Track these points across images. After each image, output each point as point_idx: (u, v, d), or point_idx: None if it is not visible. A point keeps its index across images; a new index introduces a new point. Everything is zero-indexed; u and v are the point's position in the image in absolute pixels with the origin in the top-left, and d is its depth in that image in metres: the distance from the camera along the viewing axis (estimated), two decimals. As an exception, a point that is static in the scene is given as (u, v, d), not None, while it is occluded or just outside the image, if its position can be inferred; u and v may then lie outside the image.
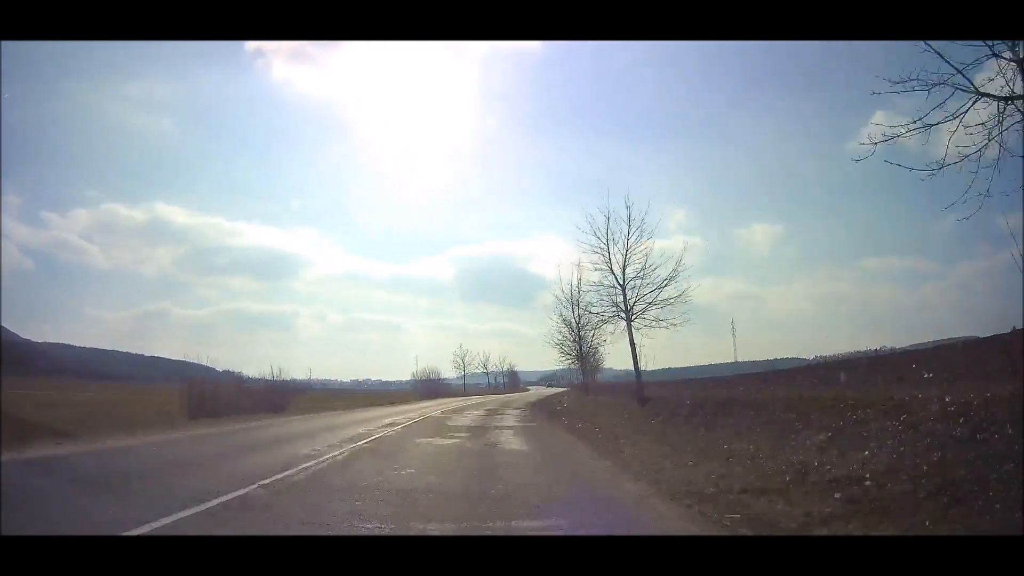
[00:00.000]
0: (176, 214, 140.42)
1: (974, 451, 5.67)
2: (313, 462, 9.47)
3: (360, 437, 13.88)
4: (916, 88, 7.84)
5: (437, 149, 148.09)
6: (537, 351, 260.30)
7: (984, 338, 12.24)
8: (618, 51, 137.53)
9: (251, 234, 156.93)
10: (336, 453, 10.71)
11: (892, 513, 4.98)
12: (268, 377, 31.84)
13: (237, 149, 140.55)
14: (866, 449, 6.99)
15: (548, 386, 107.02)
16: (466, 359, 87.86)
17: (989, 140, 7.31)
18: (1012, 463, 5.09)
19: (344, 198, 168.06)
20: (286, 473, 8.23)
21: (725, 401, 13.46)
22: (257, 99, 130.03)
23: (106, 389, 34.76)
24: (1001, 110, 7.30)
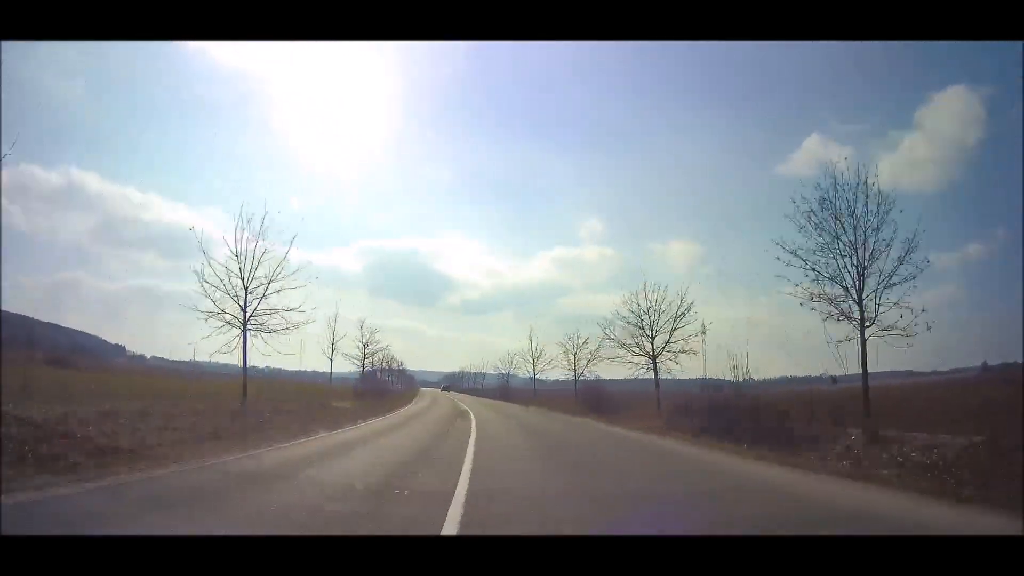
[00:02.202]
0: (90, 180, 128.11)
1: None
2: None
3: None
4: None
5: (351, 137, 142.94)
6: (438, 352, 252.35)
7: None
8: (538, 52, 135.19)
9: (161, 209, 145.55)
10: None
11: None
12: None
13: (148, 116, 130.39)
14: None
15: (444, 389, 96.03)
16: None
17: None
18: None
19: (251, 179, 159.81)
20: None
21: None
22: (168, 64, 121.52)
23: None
24: None
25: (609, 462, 11.20)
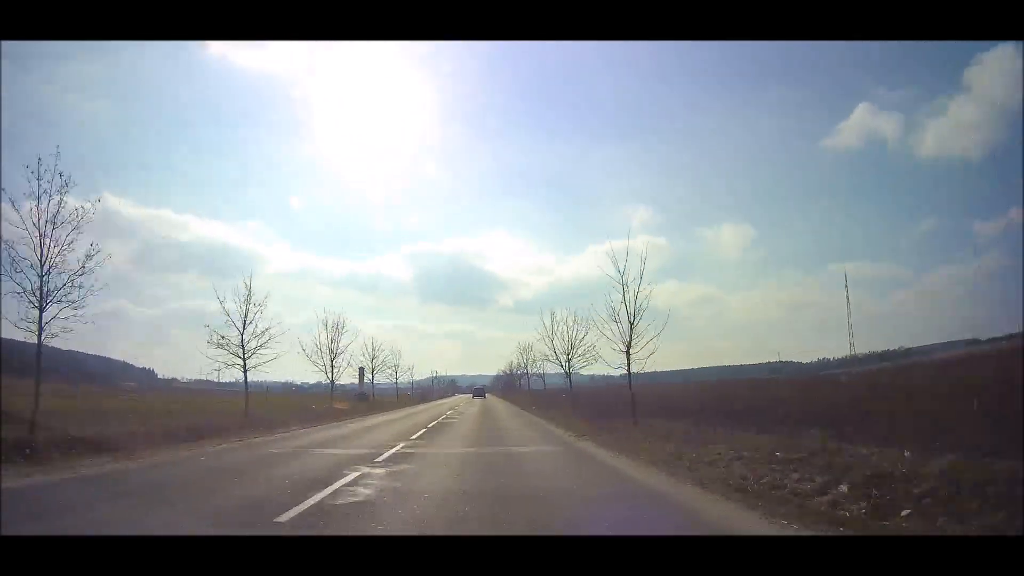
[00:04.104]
0: (124, 206, 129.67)
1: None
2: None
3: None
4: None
5: (387, 142, 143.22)
6: (491, 354, 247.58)
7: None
8: (577, 46, 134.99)
9: (198, 228, 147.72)
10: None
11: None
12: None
13: (176, 134, 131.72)
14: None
15: (476, 394, 71.87)
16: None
17: None
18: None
19: (291, 192, 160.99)
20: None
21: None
22: (195, 80, 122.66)
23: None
24: None
25: None
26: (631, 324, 17.18)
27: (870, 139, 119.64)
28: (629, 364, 17.47)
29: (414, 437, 16.18)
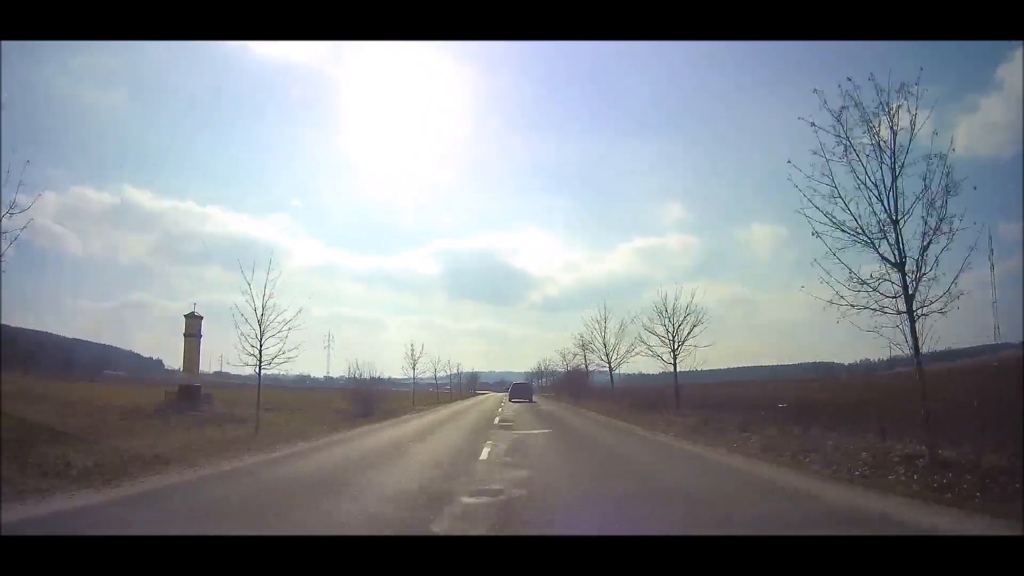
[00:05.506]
0: (145, 197, 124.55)
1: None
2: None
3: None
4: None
5: (416, 135, 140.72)
6: (522, 353, 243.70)
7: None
8: (608, 44, 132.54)
9: (223, 220, 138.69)
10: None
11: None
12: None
13: (198, 126, 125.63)
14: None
15: (512, 398, 47.03)
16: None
17: None
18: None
19: (316, 185, 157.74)
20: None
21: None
22: (213, 70, 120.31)
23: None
24: None
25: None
26: None
27: (900, 136, 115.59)
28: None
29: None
